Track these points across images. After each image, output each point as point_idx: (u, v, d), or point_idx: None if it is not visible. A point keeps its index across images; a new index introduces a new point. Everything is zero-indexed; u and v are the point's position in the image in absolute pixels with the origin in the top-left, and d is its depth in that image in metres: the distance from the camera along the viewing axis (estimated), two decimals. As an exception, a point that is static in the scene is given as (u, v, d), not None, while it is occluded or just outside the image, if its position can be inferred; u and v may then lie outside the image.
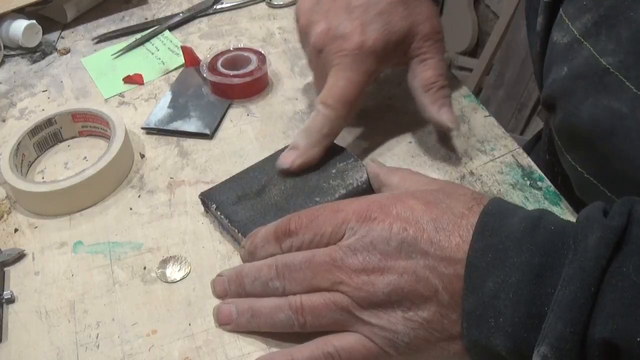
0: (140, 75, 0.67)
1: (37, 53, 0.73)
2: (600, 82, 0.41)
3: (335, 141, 0.52)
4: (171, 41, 0.72)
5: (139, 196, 0.53)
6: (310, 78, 0.62)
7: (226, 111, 0.61)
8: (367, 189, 0.48)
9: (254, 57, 0.63)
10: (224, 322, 0.42)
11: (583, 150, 0.46)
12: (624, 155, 0.41)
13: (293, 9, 0.60)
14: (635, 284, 0.30)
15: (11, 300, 0.45)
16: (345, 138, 0.56)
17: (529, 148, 0.72)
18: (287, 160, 0.49)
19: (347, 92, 0.49)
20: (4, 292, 0.45)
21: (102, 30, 0.75)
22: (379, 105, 0.60)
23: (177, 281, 0.46)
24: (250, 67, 0.62)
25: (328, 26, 0.50)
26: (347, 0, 0.51)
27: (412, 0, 0.51)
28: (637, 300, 0.30)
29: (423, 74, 0.52)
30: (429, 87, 0.52)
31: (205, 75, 0.62)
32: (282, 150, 0.51)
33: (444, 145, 0.55)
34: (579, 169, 0.47)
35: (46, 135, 0.58)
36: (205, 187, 0.51)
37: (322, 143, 0.50)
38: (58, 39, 0.75)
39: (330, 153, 0.51)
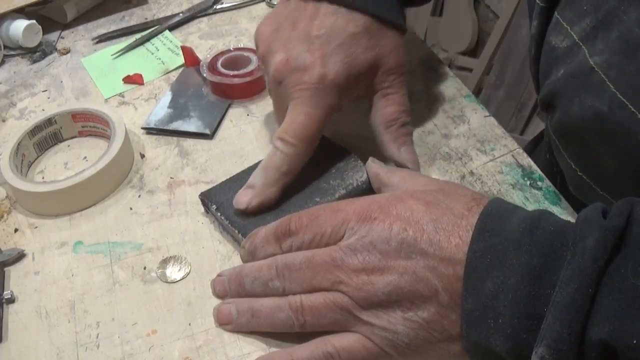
0: (140, 75, 0.67)
1: (37, 53, 0.73)
2: (587, 81, 0.41)
3: (334, 141, 0.52)
4: (171, 41, 0.72)
5: (139, 196, 0.53)
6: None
7: (226, 111, 0.61)
8: (367, 189, 0.48)
9: (254, 57, 0.63)
10: (224, 322, 0.42)
11: (575, 149, 0.46)
12: (611, 154, 0.41)
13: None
14: (633, 285, 0.30)
15: (11, 300, 0.45)
16: (345, 138, 0.56)
17: (531, 148, 0.72)
18: (244, 200, 0.47)
19: (306, 127, 0.47)
20: (4, 292, 0.45)
21: (102, 30, 0.75)
22: (379, 106, 0.60)
23: (177, 281, 0.46)
24: (250, 67, 0.62)
25: (287, 56, 0.48)
26: (307, 29, 0.48)
27: (377, 31, 0.49)
28: (634, 302, 0.30)
29: (385, 109, 0.50)
30: (390, 124, 0.50)
31: (205, 75, 0.62)
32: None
33: (444, 145, 0.55)
34: (573, 166, 0.47)
35: (46, 135, 0.58)
36: (205, 187, 0.51)
37: (280, 182, 0.47)
38: (58, 39, 0.75)
39: (330, 153, 0.51)
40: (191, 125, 0.59)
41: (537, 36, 0.49)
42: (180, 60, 0.68)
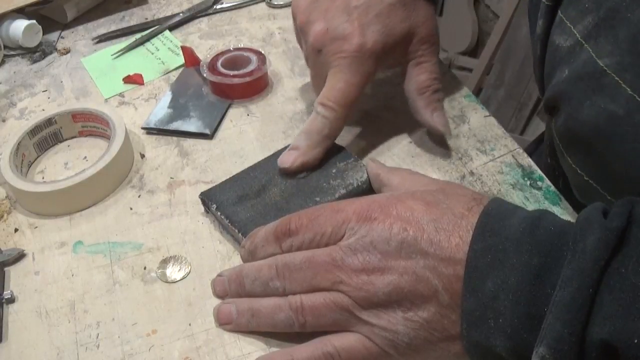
0: (140, 75, 0.67)
1: (37, 53, 0.73)
2: (598, 84, 0.41)
3: (335, 141, 0.52)
4: (171, 41, 0.72)
5: (139, 196, 0.53)
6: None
7: (226, 111, 0.61)
8: (367, 189, 0.48)
9: (254, 57, 0.63)
10: (224, 322, 0.42)
11: (583, 153, 0.46)
12: (623, 159, 0.41)
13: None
14: (633, 285, 0.30)
15: (11, 300, 0.45)
16: (345, 138, 0.56)
17: (531, 151, 0.71)
18: (289, 159, 0.49)
19: (346, 94, 0.49)
20: (4, 292, 0.45)
21: (102, 30, 0.75)
22: (379, 105, 0.60)
23: (177, 281, 0.46)
24: (250, 67, 0.62)
25: (327, 26, 0.50)
26: (346, 1, 0.50)
27: (411, 2, 0.51)
28: (635, 301, 0.30)
29: (418, 77, 0.52)
30: (424, 91, 0.52)
31: (205, 75, 0.62)
32: (283, 150, 0.51)
33: (444, 145, 0.55)
34: (579, 171, 0.47)
35: (46, 135, 0.58)
36: (205, 187, 0.51)
37: (323, 144, 0.50)
38: (58, 39, 0.75)
39: (330, 153, 0.51)
40: (191, 125, 0.59)
41: (542, 36, 0.48)
42: (180, 60, 0.68)
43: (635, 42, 0.39)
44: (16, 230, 0.51)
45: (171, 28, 0.74)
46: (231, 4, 0.77)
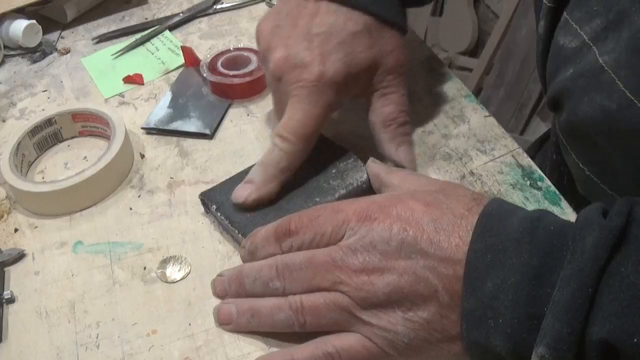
0: (140, 75, 0.67)
1: (37, 53, 0.73)
2: (597, 81, 0.41)
3: (335, 141, 0.52)
4: (171, 41, 0.72)
5: (139, 196, 0.53)
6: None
7: (226, 111, 0.61)
8: (367, 189, 0.48)
9: (254, 57, 0.63)
10: (224, 322, 0.42)
11: (584, 149, 0.46)
12: (619, 153, 0.41)
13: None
14: (633, 284, 0.30)
15: (11, 300, 0.45)
16: (345, 138, 0.56)
17: (536, 148, 0.71)
18: (242, 195, 0.47)
19: (304, 125, 0.47)
20: (4, 292, 0.45)
21: (102, 30, 0.75)
22: (379, 106, 0.60)
23: (177, 281, 0.46)
24: (250, 67, 0.62)
25: (287, 53, 0.48)
26: (307, 27, 0.48)
27: (377, 30, 0.49)
28: (635, 301, 0.30)
29: (383, 108, 0.50)
30: (389, 124, 0.50)
31: (205, 75, 0.62)
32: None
33: (444, 145, 0.55)
34: (581, 166, 0.47)
35: (46, 135, 0.58)
36: (205, 187, 0.51)
37: (279, 178, 0.47)
38: (58, 39, 0.75)
39: (330, 153, 0.51)
40: (191, 125, 0.59)
41: (544, 36, 0.48)
42: (180, 60, 0.68)
43: (633, 40, 0.39)
44: (16, 230, 0.51)
45: (171, 28, 0.74)
46: (231, 4, 0.77)
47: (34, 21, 0.72)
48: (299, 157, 0.48)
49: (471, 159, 0.53)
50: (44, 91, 0.67)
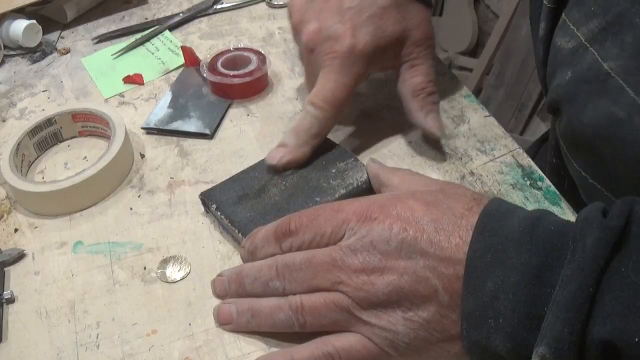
0: (140, 75, 0.67)
1: (37, 53, 0.73)
2: (602, 87, 0.41)
3: (335, 141, 0.52)
4: (171, 41, 0.72)
5: (139, 196, 0.53)
6: (310, 78, 0.62)
7: (226, 111, 0.61)
8: (367, 189, 0.48)
9: (254, 57, 0.63)
10: (224, 322, 0.42)
11: (586, 155, 0.46)
12: (625, 161, 0.41)
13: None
14: (633, 283, 0.30)
15: (11, 300, 0.45)
16: (345, 138, 0.56)
17: (534, 151, 0.71)
18: (276, 156, 0.50)
19: (335, 94, 0.50)
20: (4, 292, 0.45)
21: (102, 30, 0.75)
22: (379, 105, 0.60)
23: (177, 281, 0.46)
24: (250, 67, 0.62)
25: (320, 26, 0.51)
26: (339, 2, 0.51)
27: (405, 4, 0.51)
28: (635, 300, 0.30)
29: (412, 79, 0.52)
30: (418, 93, 0.52)
31: (205, 75, 0.62)
32: (282, 150, 0.51)
33: (444, 145, 0.55)
34: (584, 173, 0.47)
35: (46, 135, 0.58)
36: (205, 187, 0.51)
37: (310, 143, 0.50)
38: (58, 39, 0.75)
39: (330, 153, 0.51)
40: (191, 125, 0.59)
41: (544, 38, 0.49)
42: (180, 60, 0.68)
43: (639, 45, 0.39)
44: (16, 230, 0.51)
45: (171, 28, 0.74)
46: (231, 4, 0.77)
47: (34, 21, 0.72)
48: (330, 124, 0.51)
49: (471, 159, 0.53)
50: (44, 91, 0.67)
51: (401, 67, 0.53)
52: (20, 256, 0.49)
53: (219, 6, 0.77)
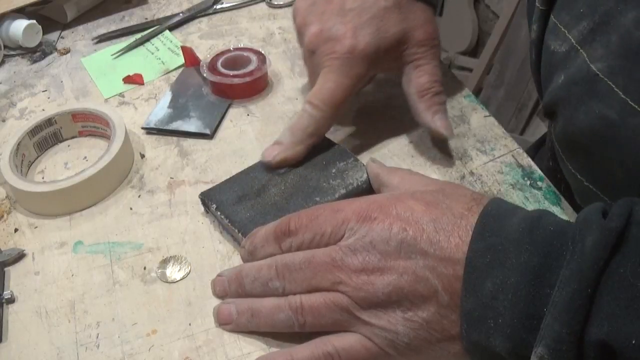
0: (140, 75, 0.67)
1: (37, 53, 0.73)
2: (592, 89, 0.41)
3: (335, 141, 0.52)
4: (171, 41, 0.72)
5: (139, 196, 0.53)
6: (310, 78, 0.62)
7: (226, 111, 0.61)
8: (367, 188, 0.48)
9: (254, 57, 0.63)
10: (224, 322, 0.42)
11: (581, 158, 0.46)
12: (620, 163, 0.41)
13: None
14: (632, 285, 0.30)
15: (11, 300, 0.45)
16: (345, 138, 0.56)
17: (532, 154, 0.71)
18: (271, 154, 0.50)
19: (334, 94, 0.50)
20: (4, 292, 0.45)
21: (102, 30, 0.75)
22: (379, 105, 0.60)
23: (177, 281, 0.46)
24: (250, 67, 0.62)
25: (321, 28, 0.51)
26: (341, 3, 0.51)
27: (407, 5, 0.51)
28: (633, 302, 0.30)
29: (418, 79, 0.52)
30: (424, 93, 0.52)
31: (205, 75, 0.62)
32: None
33: (444, 145, 0.55)
34: (579, 177, 0.47)
35: (46, 135, 0.58)
36: (205, 187, 0.51)
37: (306, 142, 0.50)
38: (58, 39, 0.75)
39: (330, 152, 0.51)
40: (191, 125, 0.59)
41: (536, 41, 0.49)
42: (180, 60, 0.68)
43: (624, 45, 0.39)
44: (16, 230, 0.51)
45: (171, 28, 0.74)
46: (231, 4, 0.77)
47: (34, 21, 0.72)
48: (327, 124, 0.51)
49: (471, 159, 0.53)
50: (44, 91, 0.67)
51: (406, 68, 0.53)
52: (20, 256, 0.49)
53: (219, 6, 0.77)
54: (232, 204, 0.48)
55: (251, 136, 0.58)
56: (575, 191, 0.50)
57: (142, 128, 0.60)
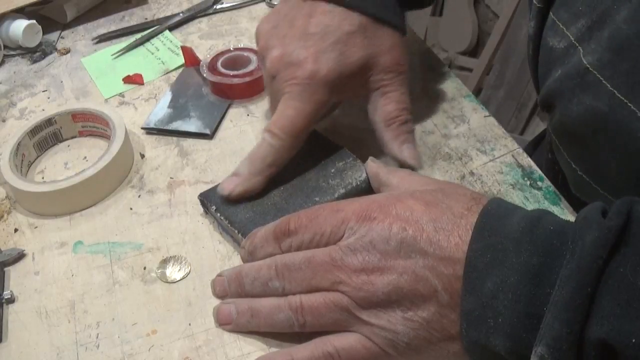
0: (140, 75, 0.67)
1: (37, 53, 0.73)
2: (583, 82, 0.41)
3: (334, 140, 0.52)
4: (171, 41, 0.72)
5: (139, 196, 0.53)
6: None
7: (226, 111, 0.61)
8: (367, 188, 0.48)
9: (254, 57, 0.63)
10: (223, 322, 0.42)
11: (575, 148, 0.46)
12: (611, 153, 0.42)
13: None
14: (632, 284, 0.30)
15: (11, 300, 0.45)
16: (344, 137, 0.56)
17: (532, 147, 0.72)
18: (228, 187, 0.48)
19: (294, 122, 0.47)
20: (4, 292, 0.45)
21: (102, 30, 0.75)
22: (378, 105, 0.60)
23: (177, 281, 0.46)
24: (250, 67, 0.62)
25: (282, 52, 0.48)
26: (303, 27, 0.49)
27: (373, 29, 0.49)
28: (633, 301, 0.30)
29: (385, 107, 0.50)
30: (391, 122, 0.50)
31: (205, 75, 0.62)
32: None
33: (444, 145, 0.55)
34: (573, 166, 0.47)
35: (46, 135, 0.58)
36: (205, 187, 0.51)
37: (265, 172, 0.48)
38: (58, 39, 0.75)
39: (329, 152, 0.51)
40: (191, 125, 0.59)
41: (534, 37, 0.49)
42: (180, 60, 0.68)
43: (613, 39, 0.39)
44: (16, 230, 0.51)
45: (171, 28, 0.74)
46: (231, 4, 0.77)
47: (34, 21, 0.73)
48: (286, 153, 0.48)
49: (471, 159, 0.53)
50: (44, 91, 0.67)
51: (372, 95, 0.51)
52: (20, 256, 0.49)
53: (219, 6, 0.77)
54: (232, 205, 0.48)
55: (251, 136, 0.58)
56: (570, 181, 0.50)
57: (142, 128, 0.60)
